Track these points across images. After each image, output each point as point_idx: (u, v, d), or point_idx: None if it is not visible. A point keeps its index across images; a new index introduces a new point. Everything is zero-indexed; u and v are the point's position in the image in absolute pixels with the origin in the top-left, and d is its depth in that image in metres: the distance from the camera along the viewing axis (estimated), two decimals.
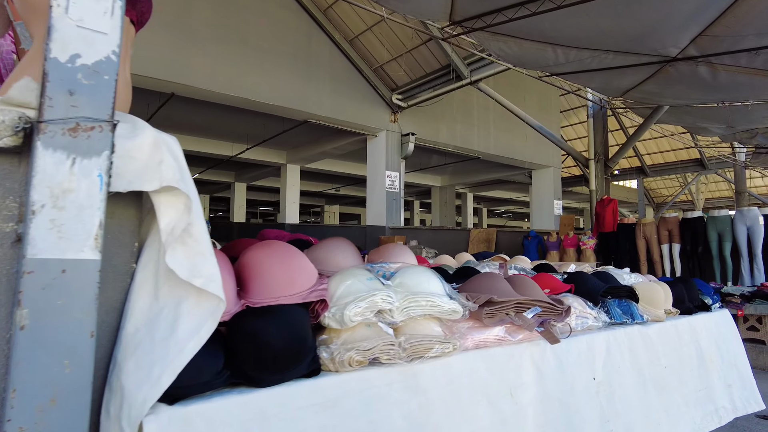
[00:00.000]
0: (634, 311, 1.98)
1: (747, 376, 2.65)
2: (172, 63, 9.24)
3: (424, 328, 1.24)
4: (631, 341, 1.87)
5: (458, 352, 1.27)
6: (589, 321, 1.72)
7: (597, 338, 1.69)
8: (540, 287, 1.63)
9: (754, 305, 4.76)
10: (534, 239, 7.88)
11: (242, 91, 10.08)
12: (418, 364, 1.23)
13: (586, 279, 1.96)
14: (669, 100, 7.28)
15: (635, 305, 2.03)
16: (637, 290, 2.12)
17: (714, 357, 2.37)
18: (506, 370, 1.38)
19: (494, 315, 1.33)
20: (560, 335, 1.43)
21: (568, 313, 1.53)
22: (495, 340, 1.37)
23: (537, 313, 1.36)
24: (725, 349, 2.53)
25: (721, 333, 2.57)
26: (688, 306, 2.41)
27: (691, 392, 2.12)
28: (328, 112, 11.37)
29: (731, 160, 13.30)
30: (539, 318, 1.41)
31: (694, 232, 6.24)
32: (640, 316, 2.01)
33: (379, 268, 1.42)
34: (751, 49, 5.13)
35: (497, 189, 24.92)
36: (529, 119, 9.23)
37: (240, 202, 20.30)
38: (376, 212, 12.60)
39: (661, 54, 5.58)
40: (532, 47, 5.92)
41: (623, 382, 1.76)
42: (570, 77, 7.05)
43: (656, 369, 1.94)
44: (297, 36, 11.01)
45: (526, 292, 1.43)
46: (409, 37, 10.70)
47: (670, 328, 2.16)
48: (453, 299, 1.27)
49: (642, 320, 2.01)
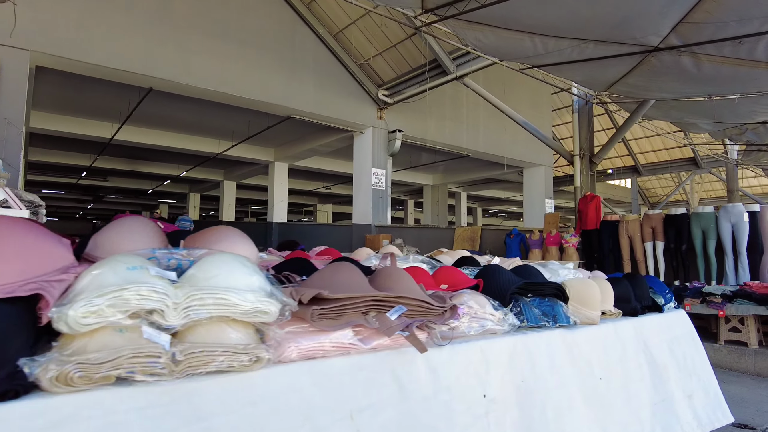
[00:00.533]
0: (558, 313, 1.67)
1: (710, 385, 2.38)
2: (150, 57, 9.01)
3: (216, 335, 0.94)
4: (551, 348, 1.56)
5: (271, 366, 0.96)
6: (489, 324, 1.41)
7: (496, 345, 1.39)
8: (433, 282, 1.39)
9: (735, 305, 4.54)
10: (516, 237, 7.65)
11: (222, 86, 9.85)
12: (195, 381, 0.92)
13: (497, 274, 1.64)
14: (654, 93, 7.06)
15: (561, 306, 1.71)
16: (568, 288, 1.80)
17: (669, 364, 2.08)
18: (348, 386, 1.08)
19: (329, 316, 1.04)
20: (439, 341, 1.18)
21: (453, 313, 1.24)
22: (334, 348, 1.07)
23: (403, 314, 1.09)
24: (681, 355, 2.24)
25: (676, 336, 2.27)
26: (634, 306, 2.10)
27: (645, 406, 1.84)
28: (312, 108, 11.14)
29: (723, 158, 13.10)
30: (408, 320, 1.11)
31: (678, 230, 6.01)
32: (566, 318, 1.69)
33: (170, 255, 1.08)
34: (734, 37, 4.92)
35: (491, 188, 24.72)
36: (515, 115, 9.02)
37: (229, 200, 20.06)
38: (362, 210, 12.38)
39: (642, 43, 5.37)
40: (509, 37, 5.70)
41: (532, 399, 1.44)
42: (552, 70, 6.82)
43: (588, 381, 1.63)
44: (280, 29, 10.77)
45: (393, 286, 1.15)
46: (394, 32, 10.48)
47: (608, 333, 1.84)
48: (270, 297, 0.95)
49: (567, 323, 1.69)
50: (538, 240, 7.33)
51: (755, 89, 6.22)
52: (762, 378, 4.34)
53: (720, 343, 4.77)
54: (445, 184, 20.81)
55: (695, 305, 4.80)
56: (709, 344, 4.85)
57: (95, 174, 19.99)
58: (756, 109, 7.09)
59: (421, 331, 1.15)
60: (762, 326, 4.81)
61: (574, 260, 7.00)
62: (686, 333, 2.41)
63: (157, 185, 22.23)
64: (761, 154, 10.30)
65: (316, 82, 11.20)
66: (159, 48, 9.10)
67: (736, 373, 4.50)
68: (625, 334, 1.93)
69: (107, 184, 22.05)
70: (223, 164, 18.25)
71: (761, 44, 4.92)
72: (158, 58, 9.08)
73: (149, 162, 18.46)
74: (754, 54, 5.15)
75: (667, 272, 6.22)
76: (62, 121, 12.94)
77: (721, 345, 4.75)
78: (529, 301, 1.62)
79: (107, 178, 21.45)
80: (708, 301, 4.72)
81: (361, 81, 11.85)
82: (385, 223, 12.19)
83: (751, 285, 4.74)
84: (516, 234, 7.70)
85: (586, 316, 1.80)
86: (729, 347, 4.67)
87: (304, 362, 1.03)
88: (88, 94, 11.35)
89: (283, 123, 12.42)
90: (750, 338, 4.58)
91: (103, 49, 8.49)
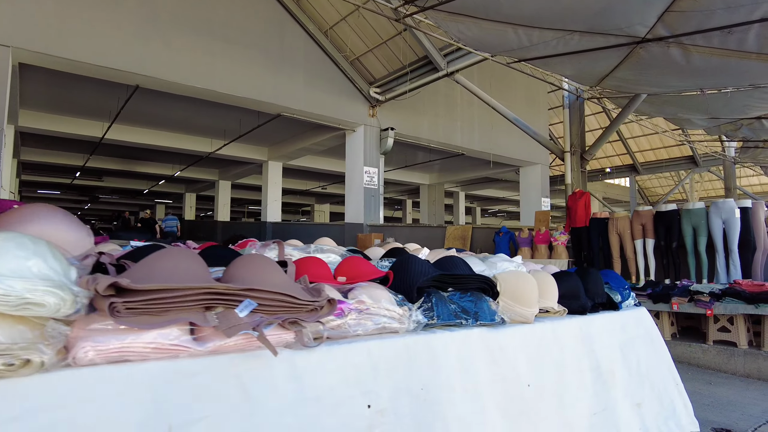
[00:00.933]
0: (483, 309, 1.44)
1: (666, 392, 2.11)
2: (135, 54, 8.89)
3: None
4: (465, 350, 1.33)
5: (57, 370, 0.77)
6: (385, 321, 1.18)
7: (390, 346, 1.16)
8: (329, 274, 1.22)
9: (723, 304, 4.36)
10: (505, 235, 7.48)
11: (210, 83, 9.72)
12: None
13: (409, 265, 1.42)
14: (645, 87, 6.89)
15: (487, 302, 1.48)
16: (499, 282, 1.60)
17: (617, 368, 1.85)
18: (169, 396, 0.87)
19: (145, 311, 0.84)
20: (310, 342, 0.97)
21: (330, 309, 1.02)
22: (154, 351, 0.87)
23: (258, 310, 0.91)
24: (635, 358, 1.99)
25: (630, 338, 2.03)
26: (583, 304, 1.87)
27: (582, 416, 1.60)
28: (302, 106, 11.01)
29: (721, 156, 12.90)
30: (265, 317, 0.92)
31: (668, 227, 5.83)
32: (491, 315, 1.46)
33: None
34: (722, 27, 4.75)
35: (489, 188, 24.55)
36: (505, 111, 8.85)
37: (224, 200, 19.94)
38: (354, 209, 12.23)
39: (629, 34, 5.20)
40: (492, 28, 5.54)
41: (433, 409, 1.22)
42: (540, 64, 6.66)
43: (512, 389, 1.40)
44: (269, 26, 10.64)
45: (246, 277, 0.96)
46: (384, 28, 10.33)
47: (545, 333, 1.60)
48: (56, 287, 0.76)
49: (491, 321, 1.46)
50: (527, 238, 7.16)
51: (747, 82, 6.03)
52: (751, 380, 4.16)
53: (709, 344, 4.60)
54: (442, 183, 20.64)
55: (683, 304, 4.62)
56: (697, 344, 4.68)
57: (90, 174, 19.90)
58: (749, 103, 6.91)
59: (284, 329, 0.96)
60: (753, 326, 4.63)
61: (564, 258, 6.83)
62: (644, 334, 2.17)
63: (153, 185, 22.13)
64: (758, 151, 10.11)
65: (306, 79, 11.06)
66: (145, 45, 8.98)
67: (725, 375, 4.33)
68: (566, 334, 1.69)
69: (103, 184, 21.96)
70: (218, 164, 18.14)
71: (751, 34, 4.74)
72: (144, 55, 8.95)
73: (143, 162, 18.36)
74: (744, 44, 4.97)
75: (658, 270, 6.05)
76: (52, 120, 12.84)
77: (709, 345, 4.57)
78: (447, 296, 1.41)
79: (102, 179, 21.36)
80: (696, 300, 4.55)
81: (353, 78, 11.71)
82: (377, 222, 12.04)
83: (741, 283, 4.57)
84: (505, 232, 7.54)
85: (519, 313, 1.57)
86: (718, 347, 4.50)
87: (105, 367, 0.83)
88: (76, 92, 11.24)
89: (274, 122, 12.30)
90: (739, 338, 4.40)
91: (86, 45, 8.37)
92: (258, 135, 14.01)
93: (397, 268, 1.41)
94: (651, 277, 6.00)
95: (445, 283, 1.44)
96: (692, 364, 4.63)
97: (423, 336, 1.27)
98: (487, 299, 1.50)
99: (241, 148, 15.41)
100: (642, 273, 6.09)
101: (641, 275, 6.08)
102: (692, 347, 4.67)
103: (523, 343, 1.52)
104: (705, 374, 4.34)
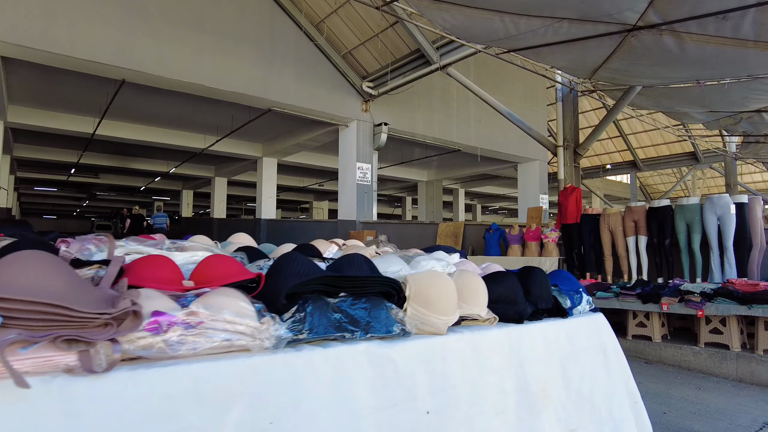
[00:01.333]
0: (378, 318, 1.18)
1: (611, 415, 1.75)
2: (121, 47, 8.71)
3: None
4: (341, 372, 1.06)
5: None
6: (224, 337, 0.91)
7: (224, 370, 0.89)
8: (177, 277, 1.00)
9: (715, 305, 4.13)
10: (496, 232, 7.26)
11: (198, 78, 9.53)
12: None
13: (283, 265, 1.16)
14: (639, 79, 6.65)
15: (387, 309, 1.22)
16: (410, 284, 1.32)
17: (552, 388, 1.55)
18: None
19: None
20: (101, 365, 0.74)
21: (134, 323, 0.79)
22: None
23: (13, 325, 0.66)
24: (578, 375, 1.69)
25: (576, 351, 1.73)
26: (520, 310, 1.59)
27: None
28: (293, 101, 10.81)
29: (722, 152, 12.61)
30: (25, 333, 0.68)
31: (661, 223, 5.59)
32: (389, 326, 1.19)
33: None
34: (717, 12, 4.52)
35: (489, 184, 24.28)
36: (498, 105, 8.62)
37: (220, 197, 19.79)
38: (347, 206, 12.03)
39: (620, 21, 4.97)
40: (477, 16, 5.32)
41: None
42: (530, 54, 6.43)
43: (403, 417, 1.12)
44: (258, 19, 10.43)
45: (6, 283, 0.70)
46: (375, 20, 10.10)
47: (459, 347, 1.31)
48: None
49: (386, 333, 1.18)
50: (518, 235, 6.94)
51: (745, 72, 5.79)
52: (743, 385, 3.94)
53: (700, 346, 4.37)
54: (440, 180, 20.39)
55: (673, 304, 4.39)
56: (688, 347, 4.46)
57: (86, 171, 19.78)
58: (748, 95, 6.66)
59: (60, 351, 0.71)
60: (747, 327, 4.41)
61: (554, 256, 6.62)
62: (596, 345, 1.84)
63: (149, 182, 22.00)
64: (759, 146, 9.83)
65: (297, 73, 10.85)
66: (131, 38, 8.80)
67: (716, 379, 4.11)
68: (489, 347, 1.40)
69: (99, 181, 21.86)
70: (214, 160, 17.97)
71: (746, 20, 4.51)
72: (130, 48, 8.77)
73: (138, 158, 18.22)
74: (740, 32, 4.73)
75: (651, 269, 5.82)
76: (43, 115, 12.69)
77: (701, 348, 4.35)
78: (335, 303, 1.15)
79: (99, 175, 21.24)
80: (686, 300, 4.32)
81: (345, 72, 11.49)
82: (370, 219, 11.83)
83: (735, 282, 4.34)
84: (495, 229, 7.32)
85: (430, 322, 1.29)
86: (710, 350, 4.27)
87: None
88: (65, 87, 11.07)
89: (268, 117, 12.10)
90: (732, 340, 4.17)
91: (70, 39, 8.20)
92: (252, 131, 13.82)
93: (271, 269, 1.16)
94: (643, 275, 5.78)
95: (335, 287, 1.18)
96: (683, 368, 4.41)
97: (282, 355, 1.00)
98: (389, 306, 1.24)
99: (236, 144, 15.22)
100: (634, 271, 5.87)
101: (633, 274, 5.86)
102: (683, 350, 4.45)
103: (427, 359, 1.24)
104: (695, 378, 4.12)
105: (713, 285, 4.46)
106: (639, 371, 4.33)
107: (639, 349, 4.78)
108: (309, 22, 10.97)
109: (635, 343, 4.81)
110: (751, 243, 5.13)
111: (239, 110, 11.91)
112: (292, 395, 0.95)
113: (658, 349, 4.64)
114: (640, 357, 4.76)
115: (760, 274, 5.13)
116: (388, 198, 30.11)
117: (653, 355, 4.66)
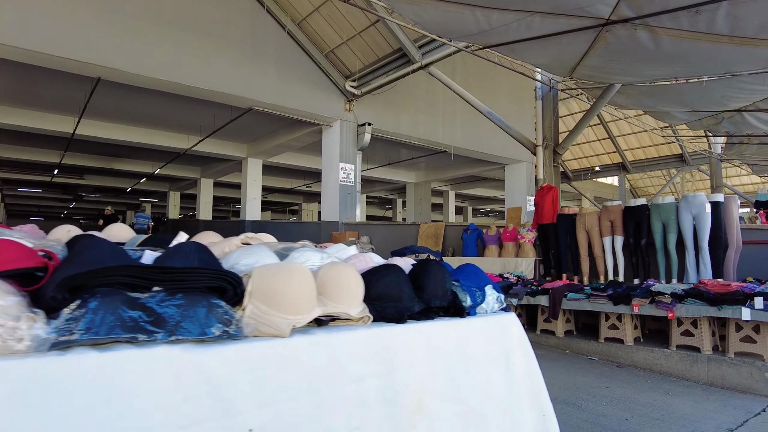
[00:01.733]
0: (192, 318, 0.98)
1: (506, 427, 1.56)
2: (98, 44, 8.53)
3: None
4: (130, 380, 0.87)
5: None
6: None
7: None
8: None
9: (685, 306, 4.00)
10: (473, 233, 7.12)
11: (176, 75, 9.35)
12: None
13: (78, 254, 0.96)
14: (618, 77, 6.55)
15: (210, 307, 1.02)
16: (254, 278, 1.14)
17: (429, 400, 1.34)
18: None
19: None
20: None
21: None
22: None
23: None
24: (466, 386, 1.49)
25: (470, 356, 1.52)
26: (403, 308, 1.39)
27: None
28: (274, 100, 10.64)
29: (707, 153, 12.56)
30: None
31: (637, 223, 5.47)
32: (205, 327, 1.00)
33: None
34: (688, 6, 4.41)
35: (479, 187, 24.17)
36: (478, 105, 8.49)
37: (206, 198, 19.56)
38: (330, 207, 11.87)
39: (593, 15, 4.85)
40: (449, 10, 5.20)
41: None
42: (506, 51, 6.31)
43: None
44: (239, 17, 10.28)
45: None
46: (357, 19, 9.97)
47: (307, 351, 1.12)
48: None
49: (202, 335, 0.98)
50: (495, 236, 6.80)
51: (723, 69, 5.69)
52: (714, 388, 3.81)
53: (672, 348, 4.24)
54: (429, 182, 20.26)
55: (644, 306, 4.26)
56: (660, 349, 4.33)
57: (69, 171, 19.49)
58: (728, 93, 6.56)
59: None
60: (720, 329, 4.28)
61: (531, 257, 6.48)
62: (496, 350, 1.62)
63: (135, 183, 21.73)
64: (743, 147, 9.76)
65: (278, 72, 10.69)
66: (107, 35, 8.62)
67: (686, 383, 3.97)
68: (349, 352, 1.20)
69: (84, 182, 21.55)
70: (199, 161, 17.75)
71: (720, 14, 4.40)
72: (106, 46, 8.59)
73: (122, 159, 17.97)
74: (714, 26, 4.63)
75: (627, 269, 5.69)
76: (21, 114, 12.45)
77: (672, 350, 4.21)
78: (143, 299, 0.96)
79: (84, 176, 20.95)
80: (657, 302, 4.19)
81: (327, 71, 11.34)
82: (353, 221, 11.67)
83: (707, 283, 4.21)
84: (473, 229, 7.18)
85: (272, 323, 1.09)
86: (681, 353, 4.14)
87: None
88: (42, 85, 10.86)
89: (251, 117, 11.92)
90: (703, 343, 4.04)
91: (43, 34, 8.01)
92: (236, 131, 13.63)
93: (66, 257, 0.96)
94: (620, 276, 5.65)
95: (147, 280, 0.98)
96: (654, 371, 4.27)
97: (34, 360, 0.79)
98: (216, 303, 1.03)
99: (220, 144, 15.02)
100: (611, 272, 5.74)
101: (610, 274, 5.73)
102: (654, 352, 4.31)
103: (256, 366, 1.04)
104: (665, 382, 3.98)
105: (685, 286, 4.33)
106: (609, 375, 4.18)
107: (611, 352, 4.64)
108: (291, 20, 10.82)
109: (607, 347, 4.67)
110: (727, 243, 5.01)
111: (221, 109, 11.73)
112: (41, 413, 0.76)
113: (630, 353, 4.50)
114: (612, 360, 4.62)
115: (736, 275, 5.01)
116: (378, 200, 29.95)
117: (625, 358, 4.52)
